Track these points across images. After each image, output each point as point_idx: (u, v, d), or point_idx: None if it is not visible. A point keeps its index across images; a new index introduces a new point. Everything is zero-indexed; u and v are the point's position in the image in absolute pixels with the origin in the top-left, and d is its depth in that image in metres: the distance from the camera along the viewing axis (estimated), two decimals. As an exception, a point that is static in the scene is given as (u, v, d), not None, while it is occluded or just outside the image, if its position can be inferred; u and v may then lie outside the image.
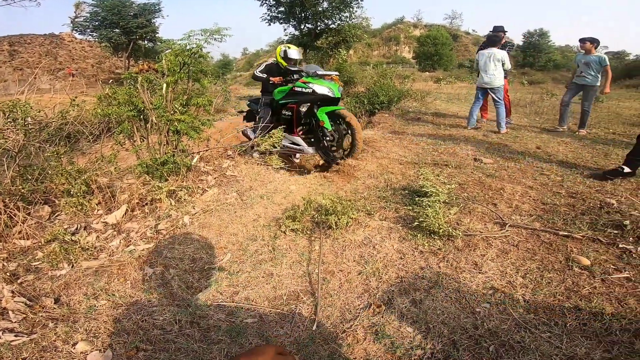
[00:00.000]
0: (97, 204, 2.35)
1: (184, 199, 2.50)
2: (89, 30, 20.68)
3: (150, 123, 2.62)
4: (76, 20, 21.46)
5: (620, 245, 1.84)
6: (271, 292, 1.68)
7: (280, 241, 2.08)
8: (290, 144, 3.95)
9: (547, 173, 2.91)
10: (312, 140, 3.88)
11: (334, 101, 3.63)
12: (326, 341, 1.37)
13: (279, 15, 17.68)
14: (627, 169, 2.77)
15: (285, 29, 18.47)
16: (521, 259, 1.80)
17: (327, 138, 3.68)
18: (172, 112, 2.59)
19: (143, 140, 2.73)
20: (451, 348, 1.28)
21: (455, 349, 1.28)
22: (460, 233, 1.98)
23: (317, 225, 2.17)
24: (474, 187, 2.70)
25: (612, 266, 1.69)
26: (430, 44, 30.09)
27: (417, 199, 2.33)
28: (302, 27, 17.63)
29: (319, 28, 17.49)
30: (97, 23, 20.15)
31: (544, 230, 2.03)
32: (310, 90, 3.63)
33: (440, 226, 1.97)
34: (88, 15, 20.49)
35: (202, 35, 2.69)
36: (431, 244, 1.95)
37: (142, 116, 2.65)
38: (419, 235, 2.02)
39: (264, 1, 17.35)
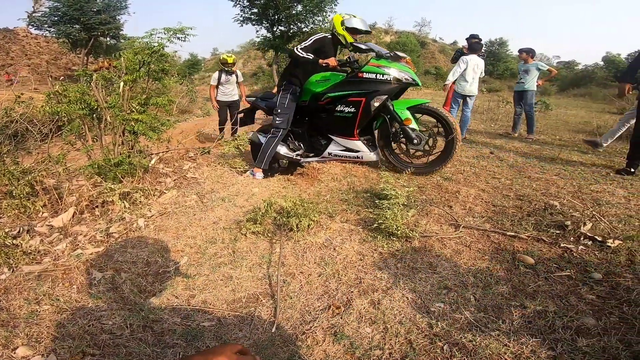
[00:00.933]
0: (42, 206, 2.20)
1: (140, 202, 2.40)
2: (46, 25, 19.38)
3: (104, 122, 2.49)
4: (34, 15, 20.05)
5: (562, 245, 1.96)
6: (230, 295, 1.65)
7: (240, 244, 2.05)
8: (343, 150, 3.18)
9: (498, 177, 3.09)
10: (370, 144, 3.21)
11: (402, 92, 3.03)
12: (285, 343, 1.37)
13: (252, 16, 17.50)
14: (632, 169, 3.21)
15: (257, 31, 18.31)
16: (473, 259, 1.88)
17: (415, 141, 2.97)
18: (128, 112, 2.49)
19: (96, 140, 2.59)
20: (408, 348, 1.32)
21: (411, 348, 1.31)
22: (417, 234, 2.05)
23: (279, 227, 2.16)
24: (432, 189, 2.81)
25: (554, 265, 1.80)
26: (399, 50, 30.90)
27: (377, 201, 2.38)
28: (275, 29, 17.55)
29: (291, 31, 17.50)
30: (56, 18, 18.93)
31: (494, 231, 2.15)
32: (388, 78, 2.86)
33: (399, 228, 2.03)
34: (47, 10, 19.21)
35: (164, 34, 2.61)
36: (390, 246, 2.00)
37: (95, 115, 2.52)
38: (378, 236, 2.07)
39: (237, 2, 17.11)
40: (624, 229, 2.14)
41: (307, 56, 2.98)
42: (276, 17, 16.92)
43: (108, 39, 21.20)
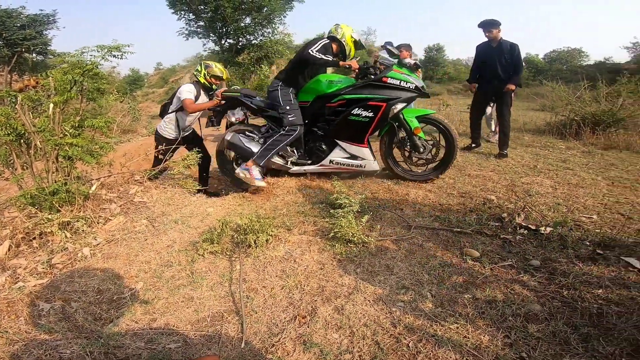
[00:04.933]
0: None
1: (83, 230, 2.23)
2: (-38, 41, 17.25)
3: (33, 148, 2.28)
4: (-51, 30, 17.73)
5: (502, 236, 2.14)
6: (193, 315, 1.60)
7: (198, 264, 1.99)
8: (347, 158, 3.07)
9: (442, 177, 3.30)
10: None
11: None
12: (256, 357, 1.36)
13: (198, 30, 17.07)
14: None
15: (204, 44, 17.89)
16: (426, 257, 1.99)
17: (420, 150, 3.02)
18: (61, 136, 2.30)
19: (26, 168, 2.36)
20: (376, 349, 1.36)
21: (379, 349, 1.35)
22: (372, 239, 2.13)
23: (237, 245, 2.13)
24: (384, 194, 2.93)
25: (497, 256, 1.95)
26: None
27: (332, 211, 2.44)
28: (223, 42, 17.27)
29: (240, 43, 17.33)
30: (-26, 34, 16.94)
31: (442, 228, 2.30)
32: (411, 86, 2.88)
33: (355, 234, 2.09)
34: (-36, 26, 17.13)
35: (98, 51, 2.46)
36: (348, 252, 2.05)
37: (23, 140, 2.30)
38: (336, 244, 2.11)
39: (182, 15, 16.58)
40: (554, 216, 2.40)
41: (326, 58, 2.89)
42: (224, 30, 16.69)
43: (34, 55, 19.40)
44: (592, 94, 6.20)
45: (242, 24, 16.44)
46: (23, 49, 17.94)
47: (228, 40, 17.28)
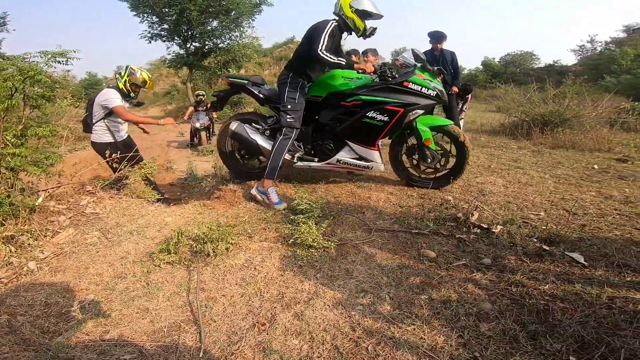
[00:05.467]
0: None
1: (28, 244, 2.10)
2: None
3: (-30, 159, 2.12)
4: None
5: (457, 236, 2.21)
6: (149, 326, 1.55)
7: (154, 275, 1.92)
8: (355, 159, 2.98)
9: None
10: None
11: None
12: None
13: (162, 32, 16.50)
14: None
15: (168, 47, 17.34)
16: (385, 259, 2.02)
17: (428, 160, 2.95)
18: (2, 146, 2.15)
19: (-38, 181, 2.19)
20: (335, 353, 1.36)
21: (339, 353, 1.36)
22: (332, 244, 2.15)
23: (196, 254, 2.08)
24: (347, 198, 2.98)
25: (452, 255, 2.01)
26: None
27: (293, 216, 2.44)
28: (189, 45, 16.80)
29: (207, 47, 16.93)
30: None
31: (401, 230, 2.36)
32: (432, 93, 2.74)
33: (315, 239, 2.11)
34: None
35: (41, 57, 2.33)
36: (309, 257, 2.05)
37: (-42, 151, 2.13)
38: (297, 250, 2.11)
39: (144, 18, 15.95)
40: (504, 214, 2.51)
41: (338, 61, 2.67)
42: (190, 33, 16.25)
43: (-20, 57, 17.98)
44: (541, 95, 6.64)
45: (209, 27, 16.11)
46: (-35, 51, 16.59)
47: (194, 43, 16.85)
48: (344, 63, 2.69)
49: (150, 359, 1.37)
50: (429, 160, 2.96)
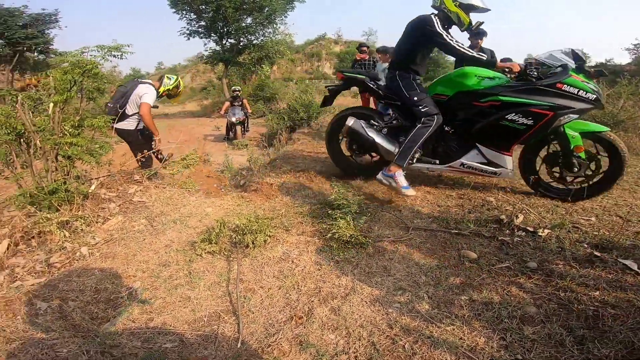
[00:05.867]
0: (-34, 244, 1.96)
1: (81, 230, 2.24)
2: (-35, 40, 17.33)
3: (33, 147, 2.29)
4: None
5: (500, 238, 2.14)
6: (190, 315, 1.61)
7: (196, 264, 1.99)
8: (483, 164, 2.76)
9: (442, 178, 3.31)
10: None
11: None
12: (253, 357, 1.36)
13: (200, 29, 17.10)
14: None
15: (205, 44, 17.94)
16: (423, 258, 1.99)
17: (575, 169, 2.59)
18: (61, 135, 2.31)
19: (26, 167, 2.37)
20: (372, 349, 1.36)
21: (375, 350, 1.35)
22: (370, 240, 2.13)
23: (235, 245, 2.13)
24: (383, 195, 2.94)
25: (494, 257, 1.95)
26: (349, 59, 31.99)
27: (330, 211, 2.44)
28: (224, 42, 17.29)
29: (241, 43, 17.34)
30: (-25, 33, 17.02)
31: (440, 230, 2.30)
32: (591, 97, 2.43)
33: (352, 235, 2.10)
34: (-35, 24, 17.19)
35: (98, 51, 2.47)
36: (345, 253, 2.05)
37: (22, 140, 2.31)
38: (334, 245, 2.11)
39: (183, 15, 16.62)
40: (552, 218, 2.40)
41: (480, 56, 2.50)
42: (225, 29, 16.71)
43: (36, 54, 19.49)
44: (594, 95, 6.17)
45: (244, 24, 16.47)
46: (25, 48, 18.02)
47: (229, 40, 17.30)
48: (484, 58, 2.52)
49: (190, 347, 1.42)
50: (576, 169, 2.59)
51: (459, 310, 1.54)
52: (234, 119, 7.49)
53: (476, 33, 4.86)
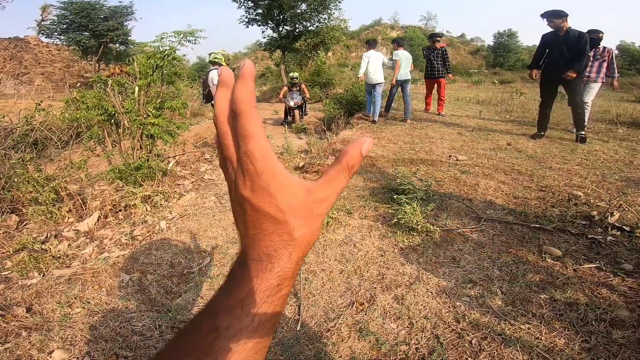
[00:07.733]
0: (67, 212, 2.25)
1: (160, 204, 2.44)
2: (56, 33, 19.84)
3: (122, 127, 2.54)
4: (42, 23, 20.54)
5: (589, 236, 1.92)
6: None
7: (260, 243, 2.07)
8: None
9: (518, 168, 3.02)
10: None
11: None
12: (311, 341, 1.37)
13: (257, 17, 17.54)
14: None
15: (263, 31, 18.35)
16: (496, 252, 1.85)
17: None
18: (145, 116, 2.52)
19: (115, 146, 2.64)
20: (435, 342, 1.30)
21: (439, 343, 1.30)
22: (437, 229, 2.03)
23: (298, 226, 2.17)
24: (450, 183, 2.77)
25: (582, 256, 1.77)
26: (406, 45, 30.42)
27: (395, 196, 2.36)
28: (281, 29, 17.55)
29: (297, 30, 17.46)
30: (64, 26, 19.36)
31: (517, 223, 2.10)
32: None
33: (418, 222, 2.01)
34: (55, 18, 19.65)
35: (175, 37, 2.63)
36: (410, 240, 1.98)
37: (113, 120, 2.56)
38: (398, 232, 2.05)
39: (241, 4, 17.18)
40: (654, 218, 2.07)
41: None
42: (281, 17, 16.92)
43: (117, 45, 21.59)
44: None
45: (299, 11, 16.50)
46: (108, 40, 20.04)
47: (285, 27, 17.49)
48: None
49: (250, 328, 1.47)
50: None
51: (537, 309, 1.42)
52: (292, 103, 7.62)
53: (562, 14, 4.17)
